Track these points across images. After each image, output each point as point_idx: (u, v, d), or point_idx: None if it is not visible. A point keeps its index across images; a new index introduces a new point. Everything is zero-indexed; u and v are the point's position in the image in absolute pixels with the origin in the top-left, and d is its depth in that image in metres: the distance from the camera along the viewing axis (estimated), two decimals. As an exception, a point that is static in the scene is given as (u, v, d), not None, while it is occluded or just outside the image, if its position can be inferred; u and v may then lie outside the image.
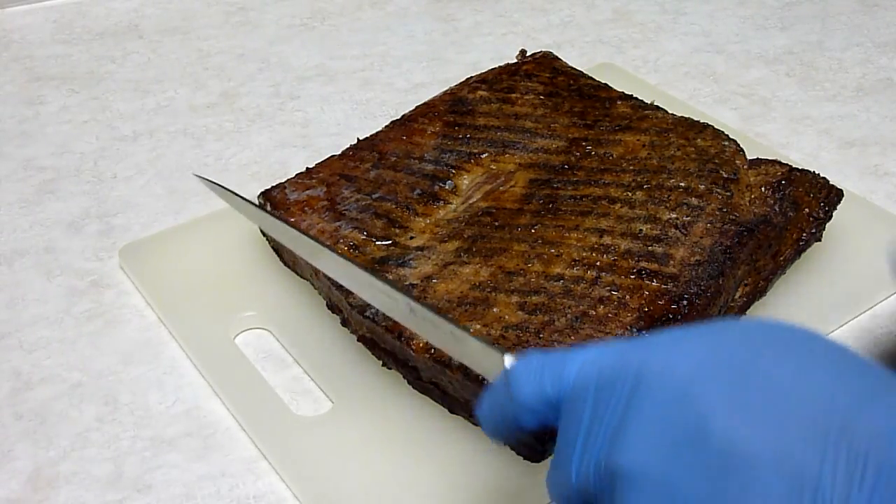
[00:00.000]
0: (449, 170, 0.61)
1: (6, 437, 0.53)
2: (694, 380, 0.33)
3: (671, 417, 0.32)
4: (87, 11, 0.94)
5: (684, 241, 0.55)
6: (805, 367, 0.32)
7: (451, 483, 0.49)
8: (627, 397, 0.34)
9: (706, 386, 0.32)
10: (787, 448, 0.30)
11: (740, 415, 0.31)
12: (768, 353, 0.33)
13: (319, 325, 0.58)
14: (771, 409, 0.31)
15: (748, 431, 0.31)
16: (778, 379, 0.32)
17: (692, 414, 0.32)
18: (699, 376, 0.33)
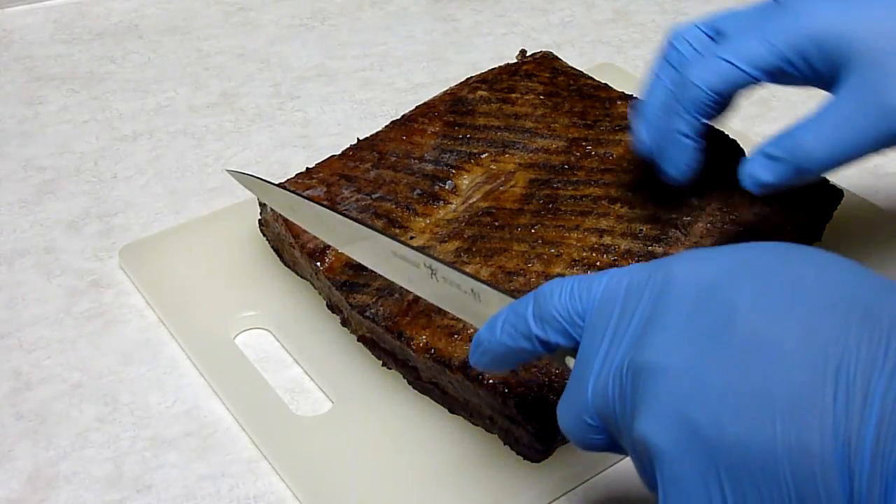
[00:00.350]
0: (449, 170, 0.61)
1: (6, 437, 0.53)
2: (720, 281, 0.33)
3: (697, 315, 0.33)
4: (87, 11, 0.94)
5: (684, 241, 0.55)
6: (826, 268, 0.33)
7: (451, 483, 0.49)
8: (654, 302, 0.35)
9: (732, 285, 0.33)
10: (811, 329, 0.31)
11: (765, 305, 0.32)
12: (791, 257, 0.34)
13: (319, 325, 0.58)
14: (794, 299, 0.32)
15: (773, 318, 0.32)
16: (801, 276, 0.33)
17: (718, 309, 0.33)
18: (725, 278, 0.33)
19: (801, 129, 0.46)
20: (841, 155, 0.46)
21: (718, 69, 0.48)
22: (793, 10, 0.47)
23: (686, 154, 0.50)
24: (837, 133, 0.45)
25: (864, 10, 0.45)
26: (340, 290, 0.55)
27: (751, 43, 0.47)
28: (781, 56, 0.47)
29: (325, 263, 0.56)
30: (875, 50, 0.45)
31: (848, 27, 0.45)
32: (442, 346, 0.51)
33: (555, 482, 0.50)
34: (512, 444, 0.51)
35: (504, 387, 0.48)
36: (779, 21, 0.47)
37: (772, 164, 0.47)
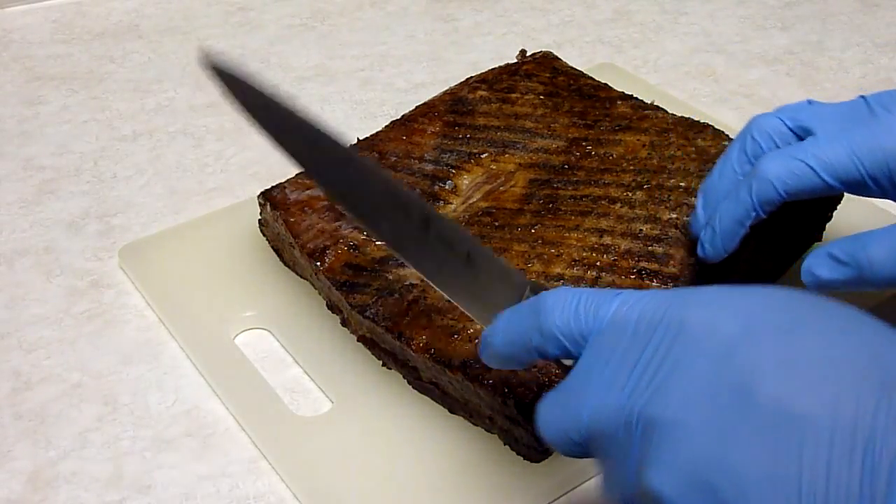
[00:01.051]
0: (449, 170, 0.61)
1: (6, 437, 0.53)
2: (740, 339, 0.32)
3: (718, 375, 0.32)
4: (87, 11, 0.94)
5: (684, 241, 0.55)
6: (850, 326, 0.32)
7: (451, 483, 0.49)
8: (668, 347, 0.34)
9: (753, 345, 0.32)
10: (838, 405, 0.30)
11: (788, 373, 0.31)
12: (814, 311, 0.33)
13: (319, 325, 0.58)
14: (819, 366, 0.31)
15: (798, 389, 0.31)
16: (824, 337, 0.32)
17: (740, 371, 0.32)
18: (746, 336, 0.32)
19: (873, 240, 0.44)
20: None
21: (797, 171, 0.46)
22: (885, 123, 0.45)
23: (732, 242, 0.49)
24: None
25: None
26: (340, 290, 0.55)
27: (837, 152, 0.45)
28: (868, 173, 0.45)
29: (325, 263, 0.56)
30: None
31: None
32: (442, 346, 0.51)
33: (554, 482, 0.50)
34: (512, 444, 0.51)
35: (504, 387, 0.48)
36: (870, 133, 0.45)
37: (834, 266, 0.45)
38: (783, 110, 0.49)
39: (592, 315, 0.37)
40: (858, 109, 0.47)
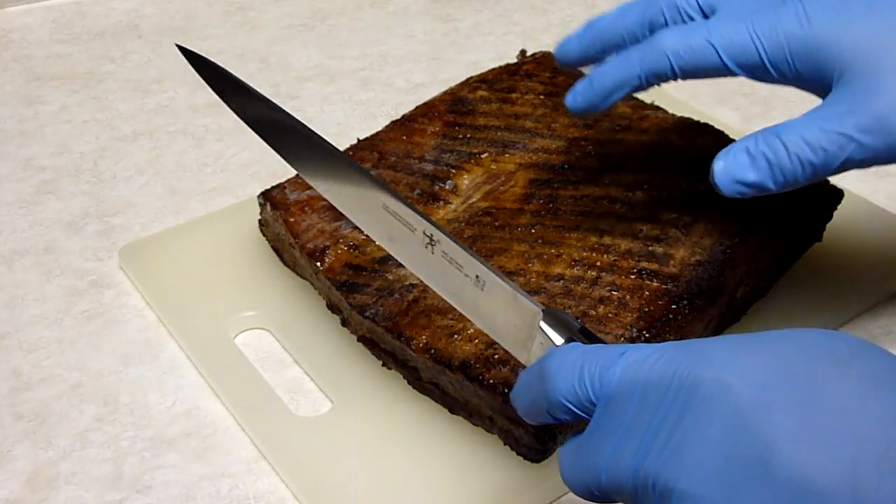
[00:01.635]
0: (449, 170, 0.61)
1: (6, 437, 0.53)
2: (756, 404, 0.31)
3: (733, 444, 0.31)
4: (86, 11, 0.94)
5: (684, 241, 0.55)
6: (870, 386, 0.31)
7: (450, 483, 0.49)
8: (680, 411, 0.32)
9: (769, 411, 0.31)
10: (859, 479, 0.29)
11: (807, 444, 0.30)
12: (831, 372, 0.31)
13: (319, 325, 0.58)
14: (838, 436, 0.30)
15: (817, 462, 0.29)
16: (845, 402, 0.30)
17: (756, 443, 0.30)
18: (761, 400, 0.31)
19: (786, 129, 0.43)
20: (826, 161, 0.43)
21: (695, 47, 0.45)
22: (792, 9, 0.44)
23: (605, 103, 0.47)
24: (825, 137, 0.43)
25: (861, 19, 0.43)
26: (340, 290, 0.55)
27: (739, 32, 0.44)
28: (768, 57, 0.44)
29: (325, 263, 0.56)
30: (868, 58, 0.42)
31: (844, 35, 0.43)
32: (442, 346, 0.51)
33: (555, 482, 0.50)
34: (512, 445, 0.51)
35: (504, 387, 0.48)
36: (775, 17, 0.44)
37: (750, 162, 0.44)
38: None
39: (598, 380, 0.35)
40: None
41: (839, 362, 0.31)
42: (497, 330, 0.41)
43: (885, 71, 0.42)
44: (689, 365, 0.33)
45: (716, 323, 0.55)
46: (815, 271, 0.61)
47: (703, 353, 0.33)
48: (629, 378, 0.34)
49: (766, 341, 0.33)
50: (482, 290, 0.40)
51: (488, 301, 0.40)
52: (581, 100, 0.48)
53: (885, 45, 0.42)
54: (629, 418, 0.34)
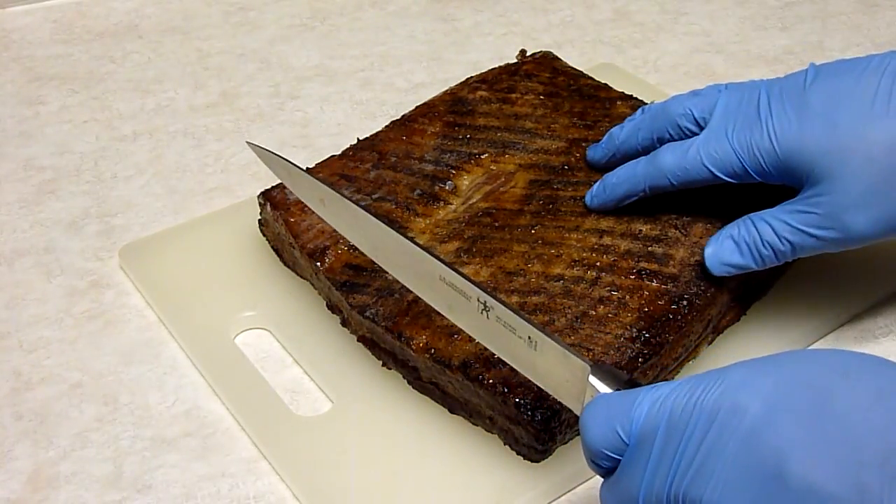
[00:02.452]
0: (449, 170, 0.61)
1: (6, 437, 0.53)
2: (766, 420, 0.34)
3: (749, 458, 0.34)
4: (87, 11, 0.94)
5: (684, 241, 0.55)
6: (878, 397, 0.33)
7: (450, 483, 0.49)
8: (702, 435, 0.35)
9: (779, 426, 0.33)
10: (865, 485, 0.31)
11: (816, 453, 0.32)
12: (840, 385, 0.34)
13: (319, 325, 0.58)
14: (846, 444, 0.32)
15: (825, 470, 0.32)
16: (851, 412, 0.33)
17: (769, 455, 0.33)
18: (771, 416, 0.34)
19: (762, 223, 0.52)
20: (791, 249, 0.51)
21: (690, 168, 0.53)
22: (762, 121, 0.51)
23: (615, 205, 0.56)
24: (790, 234, 0.51)
25: (822, 131, 0.50)
26: (340, 290, 0.55)
27: (723, 149, 0.52)
28: (747, 167, 0.52)
29: (325, 263, 0.56)
30: (827, 167, 0.49)
31: (807, 145, 0.50)
32: (442, 346, 0.51)
33: (555, 482, 0.50)
34: (512, 444, 0.51)
35: (504, 387, 0.48)
36: (750, 133, 0.52)
37: (734, 247, 0.52)
38: (695, 99, 0.55)
39: (627, 422, 0.38)
40: (751, 103, 0.53)
41: (847, 375, 0.34)
42: (553, 386, 0.43)
43: (840, 176, 0.49)
44: (707, 393, 0.36)
45: (716, 323, 0.55)
46: (815, 271, 0.61)
47: (720, 381, 0.36)
48: (654, 414, 0.37)
49: (778, 363, 0.36)
50: (535, 350, 0.43)
51: (542, 360, 0.43)
52: (597, 203, 0.57)
53: (841, 155, 0.49)
54: (658, 450, 0.37)
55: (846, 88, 0.50)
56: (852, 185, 0.49)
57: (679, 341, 0.52)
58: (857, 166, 0.49)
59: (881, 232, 0.50)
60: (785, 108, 0.51)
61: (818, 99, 0.51)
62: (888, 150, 0.49)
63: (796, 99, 0.51)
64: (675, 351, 0.52)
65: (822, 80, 0.51)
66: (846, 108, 0.50)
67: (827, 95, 0.51)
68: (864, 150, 0.49)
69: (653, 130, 0.57)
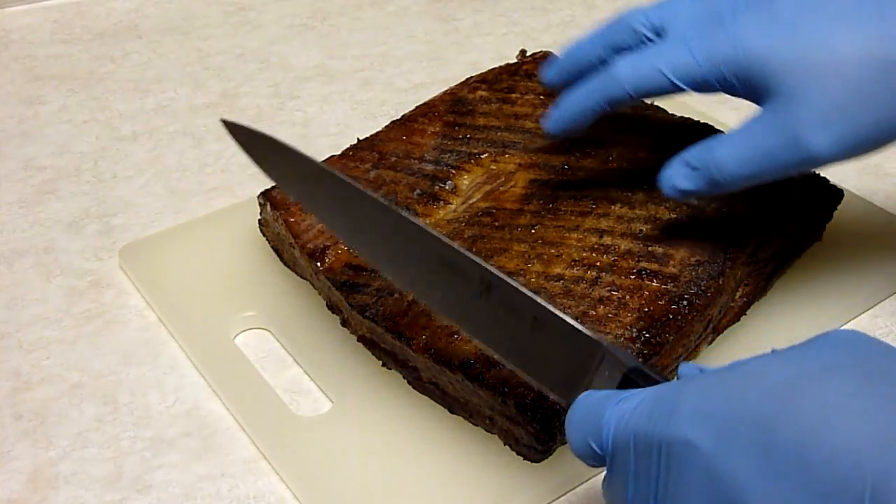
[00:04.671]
0: (449, 170, 0.61)
1: (6, 437, 0.53)
2: (719, 456, 0.33)
3: (712, 493, 0.33)
4: (87, 11, 0.94)
5: (684, 241, 0.54)
6: (822, 420, 0.31)
7: (450, 483, 0.49)
8: (666, 465, 0.34)
9: (732, 462, 0.32)
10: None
11: (772, 489, 0.31)
12: (785, 411, 0.32)
13: (319, 325, 0.58)
14: (798, 476, 0.31)
15: (784, 498, 0.31)
16: (798, 441, 0.31)
17: (729, 490, 0.32)
18: (723, 452, 0.33)
19: (719, 144, 0.49)
20: (751, 174, 0.48)
21: (647, 75, 0.50)
22: (728, 30, 0.48)
23: (575, 126, 0.53)
24: (750, 153, 0.48)
25: (787, 40, 0.47)
26: (340, 290, 0.55)
27: (682, 54, 0.49)
28: (708, 75, 0.49)
29: (325, 263, 0.56)
30: (792, 79, 0.46)
31: (771, 55, 0.47)
32: (442, 346, 0.51)
33: (555, 482, 0.50)
34: (512, 444, 0.51)
35: (504, 387, 0.48)
36: (711, 39, 0.48)
37: (689, 173, 0.49)
38: (654, 7, 0.52)
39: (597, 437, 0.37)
40: (716, 9, 0.49)
41: (791, 399, 0.32)
42: (550, 377, 0.41)
43: (803, 90, 0.46)
44: (660, 423, 0.35)
45: (716, 323, 0.55)
46: (815, 271, 0.61)
47: (673, 409, 0.35)
48: (621, 434, 0.36)
49: (726, 386, 0.34)
50: (539, 331, 0.41)
51: (544, 341, 0.41)
52: (554, 126, 0.54)
53: (804, 66, 0.46)
54: (633, 472, 0.36)
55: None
56: (816, 99, 0.46)
57: (679, 341, 0.52)
58: (823, 79, 0.46)
59: (843, 153, 0.47)
60: (751, 15, 0.48)
61: (787, 7, 0.47)
62: (856, 64, 0.46)
63: (764, 5, 0.48)
64: (675, 351, 0.52)
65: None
66: (815, 16, 0.47)
67: (797, 3, 0.47)
68: (831, 62, 0.46)
69: (609, 41, 0.53)
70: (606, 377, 0.39)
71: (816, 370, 0.33)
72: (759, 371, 0.34)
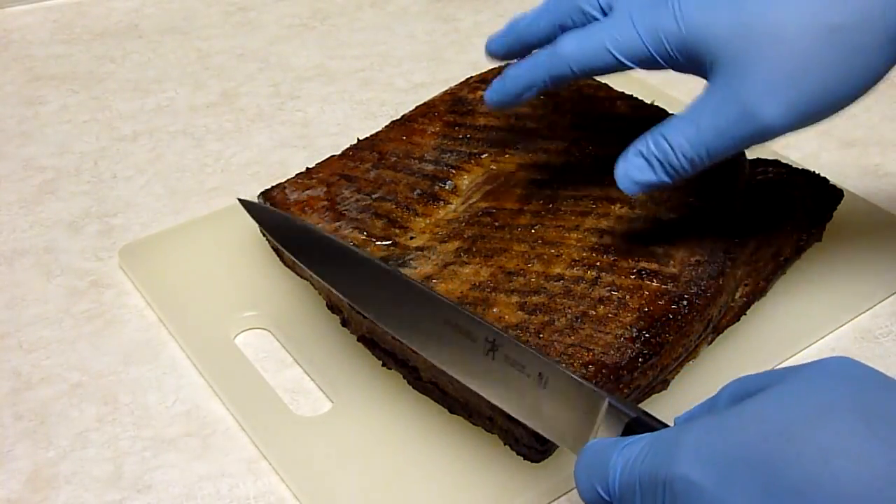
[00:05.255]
0: (449, 170, 0.61)
1: (6, 437, 0.53)
2: (721, 493, 0.33)
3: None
4: (87, 11, 0.94)
5: (684, 241, 0.54)
6: (823, 461, 0.32)
7: (450, 483, 0.49)
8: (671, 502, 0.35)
9: (734, 498, 0.33)
10: None
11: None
12: (786, 452, 0.32)
13: (319, 325, 0.58)
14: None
15: None
16: (799, 485, 0.32)
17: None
18: (725, 495, 0.33)
19: (670, 128, 0.48)
20: (707, 154, 0.47)
21: (592, 53, 0.49)
22: (668, 5, 0.47)
23: (516, 100, 0.53)
24: (702, 133, 0.47)
25: (730, 11, 0.46)
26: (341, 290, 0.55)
27: (627, 31, 0.48)
28: (653, 51, 0.48)
29: (325, 263, 0.56)
30: (735, 51, 0.46)
31: (713, 27, 0.46)
32: (442, 346, 0.50)
33: (555, 482, 0.50)
34: (512, 444, 0.51)
35: (504, 387, 0.48)
36: (655, 13, 0.48)
37: (643, 164, 0.49)
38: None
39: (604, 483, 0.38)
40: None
41: (792, 439, 0.33)
42: (558, 429, 0.42)
43: (749, 61, 0.45)
44: (663, 464, 0.35)
45: (716, 323, 0.55)
46: (815, 271, 0.61)
47: (676, 450, 0.35)
48: (626, 480, 0.37)
49: (725, 427, 0.34)
50: (544, 388, 0.41)
51: (550, 397, 0.41)
52: (496, 97, 0.54)
53: (748, 36, 0.45)
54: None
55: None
56: (763, 69, 0.45)
57: (679, 341, 0.52)
58: (768, 49, 0.45)
59: (795, 121, 0.46)
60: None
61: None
62: (799, 32, 0.45)
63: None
64: (675, 351, 0.52)
65: None
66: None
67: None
68: (776, 30, 0.45)
69: (556, 18, 0.53)
70: (611, 426, 0.40)
71: (814, 412, 0.33)
72: (758, 413, 0.34)
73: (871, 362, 0.57)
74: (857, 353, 0.57)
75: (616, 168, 0.49)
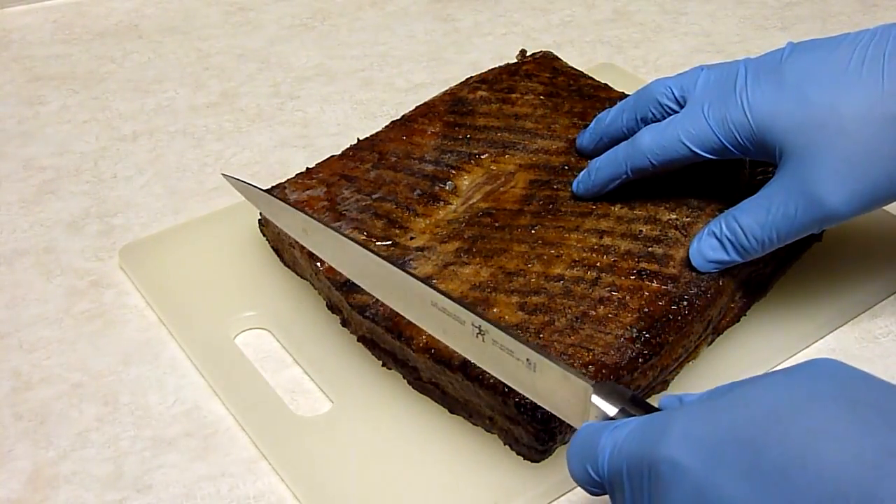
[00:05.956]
0: (449, 170, 0.61)
1: (6, 437, 0.53)
2: (707, 479, 0.34)
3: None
4: (87, 11, 0.94)
5: (684, 241, 0.55)
6: (808, 442, 0.32)
7: (450, 483, 0.49)
8: (653, 488, 0.36)
9: (720, 485, 0.33)
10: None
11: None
12: (772, 433, 0.33)
13: (319, 325, 0.58)
14: (784, 494, 0.32)
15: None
16: (784, 464, 0.32)
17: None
18: (710, 475, 0.34)
19: (742, 213, 0.52)
20: (776, 237, 0.51)
21: (668, 145, 0.54)
22: (737, 97, 0.52)
23: (601, 191, 0.57)
24: (771, 218, 0.51)
25: (795, 104, 0.50)
26: (340, 290, 0.55)
27: (699, 124, 0.53)
28: (724, 141, 0.52)
29: (325, 263, 0.56)
30: (801, 141, 0.49)
31: (780, 120, 0.50)
32: (442, 346, 0.50)
33: (555, 482, 0.50)
34: (512, 444, 0.51)
35: (504, 387, 0.48)
36: (725, 107, 0.52)
37: (717, 244, 0.52)
38: (676, 78, 0.56)
39: (594, 465, 0.39)
40: (729, 79, 0.53)
41: (779, 420, 0.33)
42: (556, 405, 0.43)
43: (815, 151, 0.49)
44: (650, 446, 0.36)
45: (716, 323, 0.55)
46: (815, 271, 0.61)
47: (662, 432, 0.36)
48: (614, 462, 0.38)
49: (714, 410, 0.35)
50: (535, 372, 0.42)
51: (542, 381, 0.42)
52: (582, 189, 0.58)
53: (813, 128, 0.49)
54: (628, 491, 0.37)
55: (819, 62, 0.50)
56: (826, 159, 0.49)
57: (679, 342, 0.52)
58: (829, 139, 0.49)
59: (859, 207, 0.50)
60: (760, 83, 0.51)
61: (792, 73, 0.51)
62: (860, 123, 0.48)
63: (771, 74, 0.51)
64: (675, 351, 0.52)
65: (798, 55, 0.51)
66: (818, 81, 0.50)
67: (801, 69, 0.51)
68: (836, 123, 0.49)
69: (636, 112, 0.57)
70: (602, 410, 0.41)
71: (803, 398, 0.34)
72: (745, 398, 0.35)
73: (871, 362, 0.57)
74: (857, 353, 0.57)
75: (690, 247, 0.53)
